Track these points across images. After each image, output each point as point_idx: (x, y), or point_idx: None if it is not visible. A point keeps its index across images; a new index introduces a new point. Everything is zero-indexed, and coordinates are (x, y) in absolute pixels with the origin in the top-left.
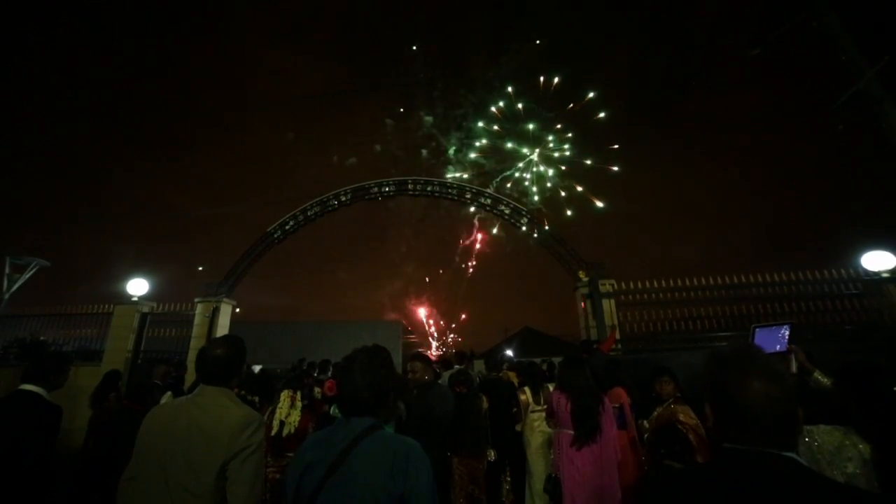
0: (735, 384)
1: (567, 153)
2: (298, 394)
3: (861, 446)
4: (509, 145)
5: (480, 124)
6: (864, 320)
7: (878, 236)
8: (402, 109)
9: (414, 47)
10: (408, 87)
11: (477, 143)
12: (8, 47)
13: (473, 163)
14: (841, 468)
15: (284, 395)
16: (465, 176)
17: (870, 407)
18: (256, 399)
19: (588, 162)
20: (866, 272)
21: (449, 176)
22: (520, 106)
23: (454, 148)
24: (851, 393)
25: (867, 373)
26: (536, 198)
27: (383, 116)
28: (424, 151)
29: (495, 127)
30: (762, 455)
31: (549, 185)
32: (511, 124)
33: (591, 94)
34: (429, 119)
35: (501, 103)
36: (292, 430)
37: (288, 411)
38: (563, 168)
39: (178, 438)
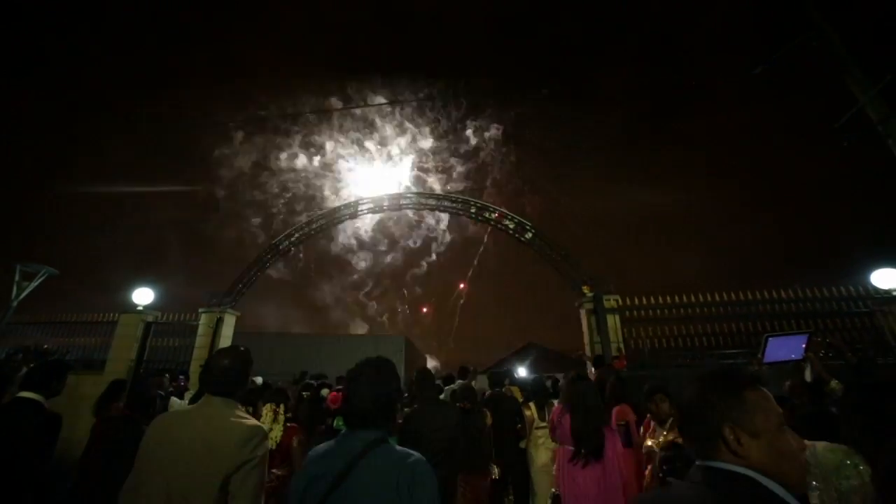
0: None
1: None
2: (282, 407)
3: (862, 467)
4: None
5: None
6: (874, 339)
7: (887, 253)
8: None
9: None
10: (413, 102)
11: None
12: (15, 54)
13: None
14: (836, 485)
15: (267, 409)
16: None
17: (875, 428)
18: (250, 410)
19: None
20: (876, 290)
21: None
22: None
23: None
24: (859, 412)
25: (877, 393)
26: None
27: (391, 130)
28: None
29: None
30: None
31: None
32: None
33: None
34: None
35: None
36: (273, 447)
37: (270, 426)
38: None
39: (180, 449)
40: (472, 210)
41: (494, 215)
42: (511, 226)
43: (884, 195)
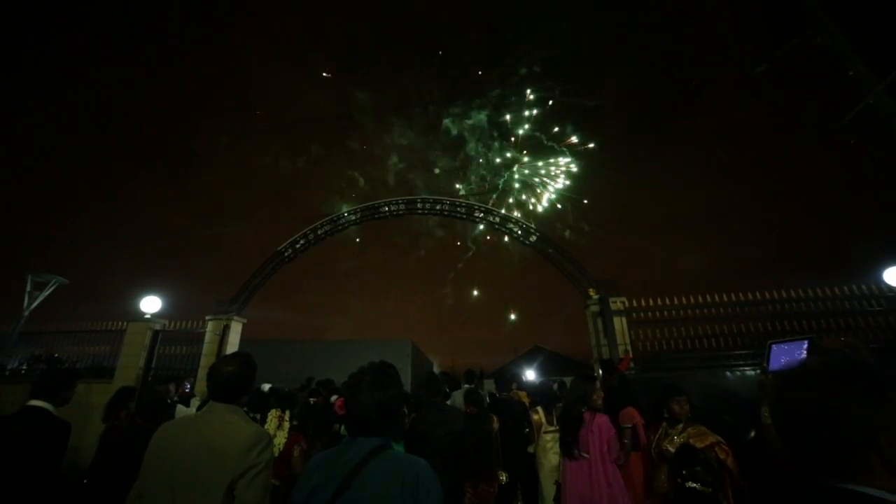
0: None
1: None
2: (287, 413)
3: None
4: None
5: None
6: (889, 338)
7: None
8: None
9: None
10: (416, 106)
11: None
12: (17, 63)
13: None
14: None
15: (272, 415)
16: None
17: None
18: (258, 417)
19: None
20: (889, 288)
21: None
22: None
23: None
24: None
25: None
26: (546, 201)
27: (392, 134)
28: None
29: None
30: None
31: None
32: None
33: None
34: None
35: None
36: (275, 454)
37: (274, 432)
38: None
39: (186, 456)
40: (477, 214)
41: (498, 219)
42: (516, 229)
43: (894, 191)
